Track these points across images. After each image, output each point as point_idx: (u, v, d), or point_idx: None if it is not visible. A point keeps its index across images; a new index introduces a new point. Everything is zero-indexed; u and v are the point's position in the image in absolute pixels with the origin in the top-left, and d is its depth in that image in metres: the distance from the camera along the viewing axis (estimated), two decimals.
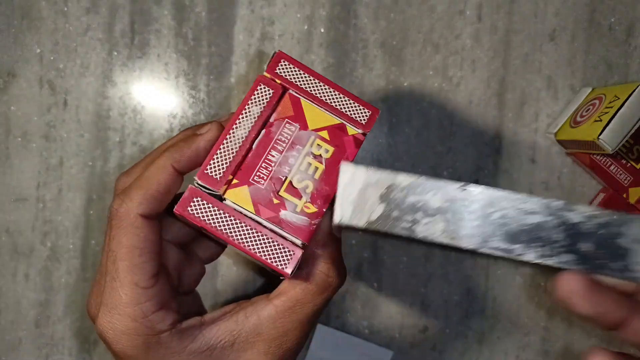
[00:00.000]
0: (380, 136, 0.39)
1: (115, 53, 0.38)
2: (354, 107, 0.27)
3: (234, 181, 0.25)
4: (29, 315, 0.38)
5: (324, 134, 0.26)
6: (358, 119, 0.26)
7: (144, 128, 0.38)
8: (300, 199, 0.25)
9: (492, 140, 0.39)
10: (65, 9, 0.38)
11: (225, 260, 0.39)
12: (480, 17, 0.39)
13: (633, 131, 0.33)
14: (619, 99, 0.34)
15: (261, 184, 0.25)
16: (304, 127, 0.26)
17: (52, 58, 0.38)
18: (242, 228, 0.25)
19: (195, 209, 0.25)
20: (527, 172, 0.39)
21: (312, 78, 0.27)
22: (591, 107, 0.36)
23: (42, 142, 0.38)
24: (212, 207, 0.25)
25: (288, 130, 0.26)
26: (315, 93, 0.26)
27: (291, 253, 0.25)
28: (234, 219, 0.25)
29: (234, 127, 0.26)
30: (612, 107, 0.33)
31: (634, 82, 0.38)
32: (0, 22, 0.38)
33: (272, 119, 0.26)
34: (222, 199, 0.25)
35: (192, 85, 0.38)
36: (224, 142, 0.25)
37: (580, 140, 0.35)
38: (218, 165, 0.25)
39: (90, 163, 0.38)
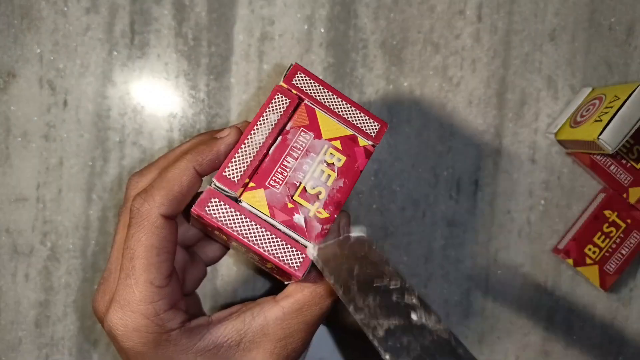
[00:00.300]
0: None
1: (115, 53, 0.38)
2: (365, 120, 0.28)
3: (251, 184, 0.26)
4: (29, 315, 0.38)
5: (336, 143, 0.27)
6: (368, 132, 0.28)
7: (144, 128, 0.38)
8: (313, 205, 0.26)
9: (492, 140, 0.39)
10: (65, 9, 0.38)
11: (225, 260, 0.39)
12: (480, 17, 0.39)
13: (633, 131, 0.33)
14: (619, 99, 0.34)
15: (276, 188, 0.26)
16: (318, 136, 0.27)
17: (52, 58, 0.38)
18: (257, 230, 0.26)
19: (213, 210, 0.25)
20: (527, 172, 0.39)
21: (327, 91, 0.28)
22: (591, 107, 0.36)
23: (42, 142, 0.38)
24: (229, 208, 0.26)
25: (303, 139, 0.27)
26: (329, 105, 0.28)
27: (303, 256, 0.26)
28: (249, 221, 0.26)
29: (252, 132, 0.27)
30: (612, 107, 0.33)
31: (634, 82, 0.38)
32: (0, 22, 0.38)
33: (288, 127, 0.27)
34: (238, 201, 0.26)
35: (192, 85, 0.38)
36: (242, 146, 0.26)
37: (580, 140, 0.35)
38: (236, 168, 0.26)
39: (90, 163, 0.38)
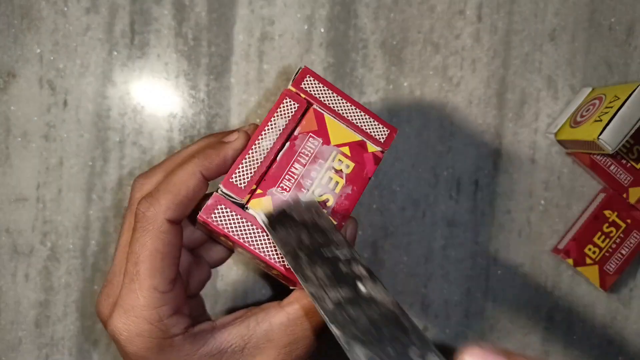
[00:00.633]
0: None
1: (115, 53, 0.38)
2: (374, 125, 0.27)
3: (258, 191, 0.26)
4: (29, 315, 0.38)
5: (345, 149, 0.27)
6: (377, 137, 0.27)
7: (144, 128, 0.38)
8: None
9: (492, 140, 0.39)
10: (65, 9, 0.38)
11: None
12: (480, 17, 0.39)
13: (633, 131, 0.33)
14: (619, 99, 0.34)
15: (284, 195, 0.26)
16: (326, 142, 0.27)
17: (52, 58, 0.38)
18: (263, 237, 0.25)
19: (219, 217, 0.25)
20: (527, 172, 0.39)
21: (336, 95, 0.27)
22: (591, 107, 0.36)
23: (42, 142, 0.38)
24: (236, 215, 0.25)
25: (311, 144, 0.27)
26: (338, 109, 0.27)
27: None
28: (255, 228, 0.25)
29: (260, 137, 0.26)
30: (612, 107, 0.33)
31: (634, 82, 0.38)
32: (0, 22, 0.38)
33: (296, 132, 0.27)
34: (245, 208, 0.26)
35: (192, 85, 0.38)
36: (250, 152, 0.26)
37: (580, 140, 0.35)
38: (243, 175, 0.26)
39: (90, 163, 0.38)
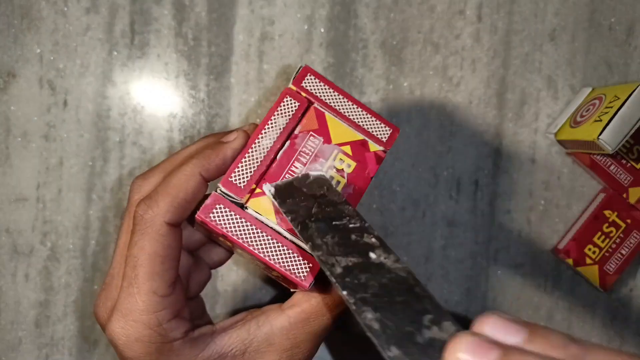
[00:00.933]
0: None
1: (115, 53, 0.38)
2: (376, 125, 0.27)
3: (257, 190, 0.25)
4: (29, 315, 0.38)
5: (346, 148, 0.27)
6: (379, 137, 0.27)
7: (144, 128, 0.38)
8: None
9: (492, 140, 0.39)
10: (65, 9, 0.38)
11: None
12: (480, 17, 0.39)
13: (633, 131, 0.33)
14: (619, 99, 0.34)
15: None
16: (327, 140, 0.26)
17: (52, 58, 0.38)
18: (263, 238, 0.25)
19: (218, 216, 0.25)
20: (527, 172, 0.39)
21: (337, 93, 0.27)
22: (591, 107, 0.36)
23: (42, 142, 0.38)
24: (234, 215, 0.25)
25: (312, 143, 0.26)
26: (339, 108, 0.27)
27: (310, 265, 0.25)
28: (255, 228, 0.25)
29: (260, 136, 0.26)
30: (612, 107, 0.33)
31: (634, 82, 0.38)
32: (0, 22, 0.38)
33: (296, 131, 0.26)
34: (244, 208, 0.25)
35: (192, 85, 0.38)
36: (249, 151, 0.26)
37: (580, 140, 0.35)
38: (242, 174, 0.25)
39: (90, 163, 0.38)
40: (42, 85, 0.38)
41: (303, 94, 0.27)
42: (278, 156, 0.26)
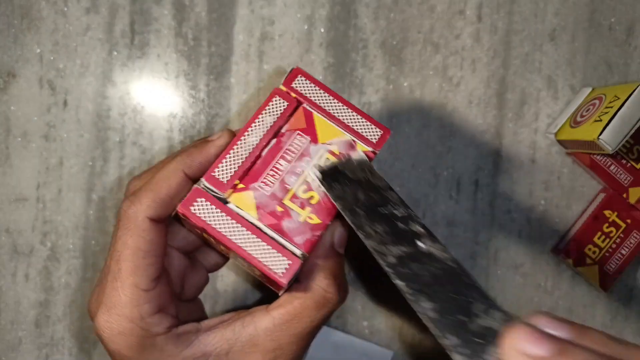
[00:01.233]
0: None
1: (115, 53, 0.38)
2: (366, 126, 0.27)
3: (240, 186, 0.25)
4: (29, 315, 0.38)
5: (334, 148, 0.27)
6: (369, 137, 0.27)
7: (144, 128, 0.38)
8: (304, 209, 0.25)
9: (492, 140, 0.39)
10: (65, 9, 0.38)
11: None
12: (480, 17, 0.39)
13: (633, 131, 0.33)
14: (619, 99, 0.34)
15: (266, 190, 0.25)
16: (314, 140, 0.26)
17: (52, 58, 0.38)
18: (243, 233, 0.25)
19: (198, 209, 0.25)
20: (527, 172, 0.39)
21: (327, 95, 0.27)
22: (591, 107, 0.36)
23: (42, 142, 0.38)
24: (215, 209, 0.25)
25: (298, 142, 0.26)
26: (329, 109, 0.27)
27: (289, 263, 0.24)
28: (235, 223, 0.25)
29: (246, 134, 0.26)
30: (612, 107, 0.33)
31: (634, 82, 0.38)
32: (0, 22, 0.38)
33: (283, 130, 0.26)
34: (226, 202, 0.25)
35: (192, 85, 0.38)
36: (235, 147, 0.26)
37: (580, 140, 0.35)
38: (226, 169, 0.25)
39: (90, 163, 0.38)
40: (42, 85, 0.38)
41: (293, 95, 0.27)
42: (263, 153, 0.26)
